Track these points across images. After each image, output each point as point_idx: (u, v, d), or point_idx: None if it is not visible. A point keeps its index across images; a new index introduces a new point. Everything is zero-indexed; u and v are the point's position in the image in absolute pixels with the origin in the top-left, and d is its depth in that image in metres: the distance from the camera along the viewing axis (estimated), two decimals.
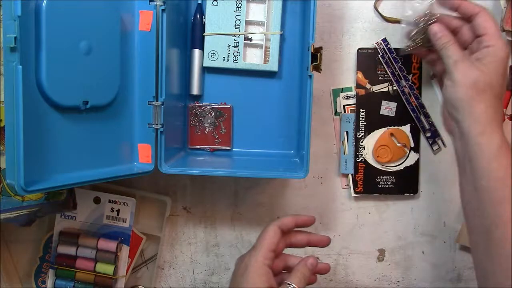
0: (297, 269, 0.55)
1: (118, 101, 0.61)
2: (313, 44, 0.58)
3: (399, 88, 0.69)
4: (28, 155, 0.49)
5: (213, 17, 0.66)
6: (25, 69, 0.49)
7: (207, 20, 0.66)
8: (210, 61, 0.66)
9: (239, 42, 0.66)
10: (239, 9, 0.65)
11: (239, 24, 0.66)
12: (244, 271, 0.54)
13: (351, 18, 0.70)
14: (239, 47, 0.66)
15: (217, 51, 0.66)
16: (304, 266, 0.56)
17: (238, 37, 0.66)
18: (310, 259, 0.56)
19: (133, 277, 0.73)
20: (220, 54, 0.66)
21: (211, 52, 0.66)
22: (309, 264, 0.56)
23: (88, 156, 0.58)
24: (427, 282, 0.73)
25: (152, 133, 0.62)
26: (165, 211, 0.72)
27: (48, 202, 0.64)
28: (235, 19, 0.65)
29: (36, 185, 0.51)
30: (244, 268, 0.54)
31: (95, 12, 0.56)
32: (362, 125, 0.69)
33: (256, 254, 0.54)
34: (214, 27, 0.66)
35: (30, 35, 0.51)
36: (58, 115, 0.55)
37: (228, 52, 0.66)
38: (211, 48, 0.66)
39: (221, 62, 0.66)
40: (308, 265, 0.56)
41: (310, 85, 0.58)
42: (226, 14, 0.65)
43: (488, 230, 0.50)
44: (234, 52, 0.66)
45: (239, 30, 0.66)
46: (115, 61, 0.59)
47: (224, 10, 0.65)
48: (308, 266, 0.56)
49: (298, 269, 0.55)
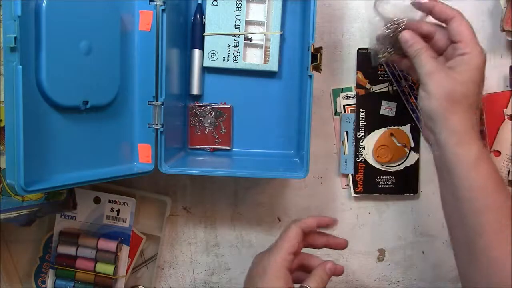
0: (315, 273, 0.55)
1: (118, 101, 0.61)
2: (313, 44, 0.58)
3: (399, 88, 0.69)
4: (28, 155, 0.49)
5: (213, 17, 0.66)
6: (25, 69, 0.49)
7: (207, 20, 0.66)
8: (210, 61, 0.66)
9: (239, 42, 0.66)
10: (239, 9, 0.65)
11: (239, 24, 0.66)
12: (262, 271, 0.53)
13: (351, 18, 0.70)
14: (239, 47, 0.66)
15: (217, 51, 0.66)
16: (323, 270, 0.55)
17: (238, 37, 0.66)
18: (329, 264, 0.55)
19: (133, 277, 0.73)
20: (220, 54, 0.66)
21: (211, 52, 0.66)
22: (327, 269, 0.55)
23: (88, 156, 0.58)
24: (427, 282, 0.73)
25: (152, 133, 0.62)
26: (165, 211, 0.72)
27: (48, 202, 0.64)
28: (235, 19, 0.65)
29: (36, 185, 0.51)
30: (263, 269, 0.53)
31: (95, 12, 0.56)
32: (362, 125, 0.69)
33: (275, 256, 0.53)
34: (214, 27, 0.66)
35: (30, 35, 0.51)
36: (58, 115, 0.55)
37: (228, 52, 0.66)
38: (211, 48, 0.66)
39: (221, 62, 0.66)
40: (327, 270, 0.55)
41: (310, 85, 0.58)
42: (226, 14, 0.65)
43: (472, 240, 0.49)
44: (234, 52, 0.66)
45: (239, 30, 0.66)
46: (115, 61, 0.59)
47: (224, 10, 0.65)
48: (327, 271, 0.55)
49: (316, 273, 0.55)
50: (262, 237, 0.73)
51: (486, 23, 0.68)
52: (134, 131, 0.63)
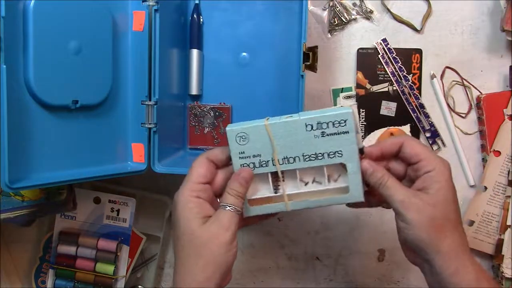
0: (228, 186, 0.49)
1: (110, 100, 0.61)
2: (305, 44, 0.58)
3: (399, 88, 0.69)
4: (13, 153, 0.50)
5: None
6: (11, 69, 0.49)
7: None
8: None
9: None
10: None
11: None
12: (174, 205, 0.50)
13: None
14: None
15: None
16: (235, 181, 0.49)
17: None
18: (243, 172, 0.49)
19: (133, 277, 0.73)
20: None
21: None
22: (241, 178, 0.49)
23: (79, 155, 0.58)
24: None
25: (145, 133, 0.62)
26: (165, 211, 0.72)
27: (48, 202, 0.64)
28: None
29: (22, 182, 0.51)
30: (174, 203, 0.50)
31: (86, 12, 0.56)
32: (362, 125, 0.69)
33: (182, 188, 0.50)
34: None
35: (18, 34, 0.51)
36: (47, 114, 0.55)
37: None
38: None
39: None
40: (240, 180, 0.49)
41: (302, 84, 0.58)
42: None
43: None
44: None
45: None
46: (106, 61, 0.59)
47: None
48: (240, 181, 0.49)
49: (229, 185, 0.49)
50: (262, 237, 0.73)
51: (486, 23, 0.68)
52: (127, 130, 0.63)
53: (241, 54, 0.68)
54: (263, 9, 0.67)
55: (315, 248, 0.73)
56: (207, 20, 0.68)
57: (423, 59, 0.69)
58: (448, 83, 0.69)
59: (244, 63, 0.68)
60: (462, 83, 0.69)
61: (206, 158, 0.51)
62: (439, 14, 0.68)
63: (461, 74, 0.69)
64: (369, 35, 0.69)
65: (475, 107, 0.69)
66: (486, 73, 0.69)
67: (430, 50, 0.69)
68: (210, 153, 0.52)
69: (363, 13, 0.69)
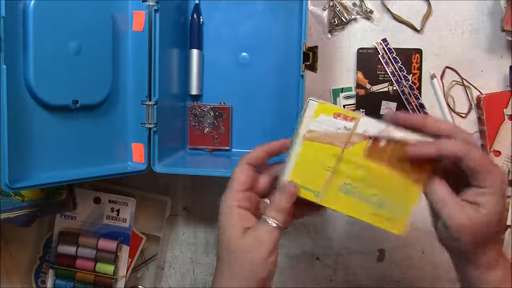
0: (272, 201, 0.48)
1: (110, 100, 0.61)
2: (304, 44, 0.58)
3: (399, 88, 0.69)
4: (13, 153, 0.50)
5: None
6: (11, 69, 0.49)
7: None
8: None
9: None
10: None
11: None
12: (219, 213, 0.49)
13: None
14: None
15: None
16: (280, 196, 0.48)
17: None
18: (288, 186, 0.47)
19: (133, 277, 0.73)
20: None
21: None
22: (286, 192, 0.47)
23: (79, 155, 0.58)
24: (427, 282, 0.72)
25: (145, 133, 0.62)
26: (165, 211, 0.72)
27: (48, 202, 0.64)
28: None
29: (22, 182, 0.51)
30: (219, 210, 0.49)
31: (86, 13, 0.56)
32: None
33: (225, 196, 0.49)
34: None
35: (18, 35, 0.51)
36: (47, 113, 0.55)
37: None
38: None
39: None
40: (286, 195, 0.47)
41: (302, 84, 0.58)
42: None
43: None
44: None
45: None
46: (106, 61, 0.59)
47: None
48: (286, 197, 0.47)
49: (273, 200, 0.48)
50: None
51: (486, 23, 0.68)
52: (127, 130, 0.63)
53: (241, 54, 0.68)
54: (263, 9, 0.67)
55: (315, 248, 0.73)
56: (207, 20, 0.68)
57: (423, 59, 0.69)
58: (448, 83, 0.69)
59: (244, 63, 0.68)
60: (462, 83, 0.69)
61: (246, 163, 0.50)
62: (439, 14, 0.68)
63: (461, 74, 0.69)
64: (369, 35, 0.69)
65: (475, 107, 0.69)
66: (486, 73, 0.69)
67: (430, 50, 0.69)
68: (250, 157, 0.51)
69: (363, 13, 0.69)
